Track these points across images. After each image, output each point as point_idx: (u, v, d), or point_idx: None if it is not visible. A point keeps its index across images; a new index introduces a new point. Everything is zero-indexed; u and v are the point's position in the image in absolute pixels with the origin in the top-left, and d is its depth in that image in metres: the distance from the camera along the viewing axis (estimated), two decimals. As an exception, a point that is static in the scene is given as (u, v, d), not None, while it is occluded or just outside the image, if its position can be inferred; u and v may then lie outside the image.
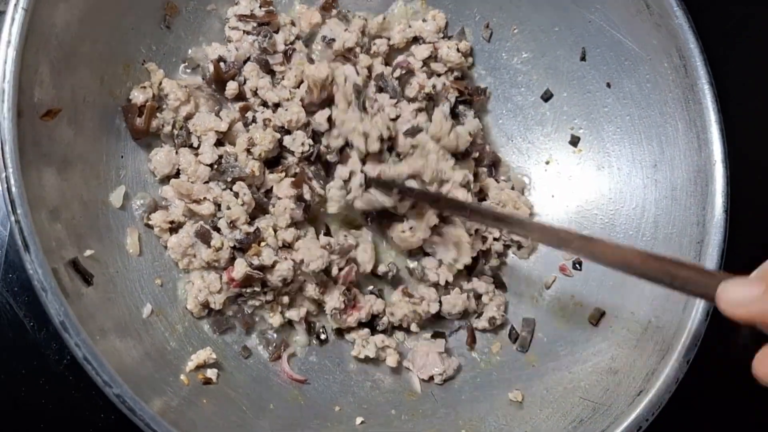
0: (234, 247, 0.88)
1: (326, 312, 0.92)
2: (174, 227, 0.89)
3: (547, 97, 1.04)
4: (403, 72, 0.99)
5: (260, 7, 0.97)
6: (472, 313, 0.99)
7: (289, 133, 0.93)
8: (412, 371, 0.94)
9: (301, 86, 0.94)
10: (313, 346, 0.94)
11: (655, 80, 0.93)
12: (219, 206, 0.89)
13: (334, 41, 0.98)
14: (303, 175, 0.92)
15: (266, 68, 0.96)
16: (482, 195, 1.02)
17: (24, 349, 0.90)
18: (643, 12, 0.91)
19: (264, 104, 0.95)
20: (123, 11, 0.86)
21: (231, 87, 0.94)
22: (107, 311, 0.78)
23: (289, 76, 0.95)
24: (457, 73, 1.03)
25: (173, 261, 0.88)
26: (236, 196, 0.89)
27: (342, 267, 0.91)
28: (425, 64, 1.01)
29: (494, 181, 1.03)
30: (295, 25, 0.99)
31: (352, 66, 0.96)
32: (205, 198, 0.89)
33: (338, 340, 0.95)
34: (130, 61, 0.89)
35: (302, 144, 0.92)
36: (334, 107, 0.92)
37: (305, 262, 0.88)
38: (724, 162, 0.87)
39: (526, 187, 1.05)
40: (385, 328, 0.94)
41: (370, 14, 1.02)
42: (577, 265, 0.98)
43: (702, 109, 0.89)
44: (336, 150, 0.92)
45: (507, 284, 1.01)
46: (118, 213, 0.86)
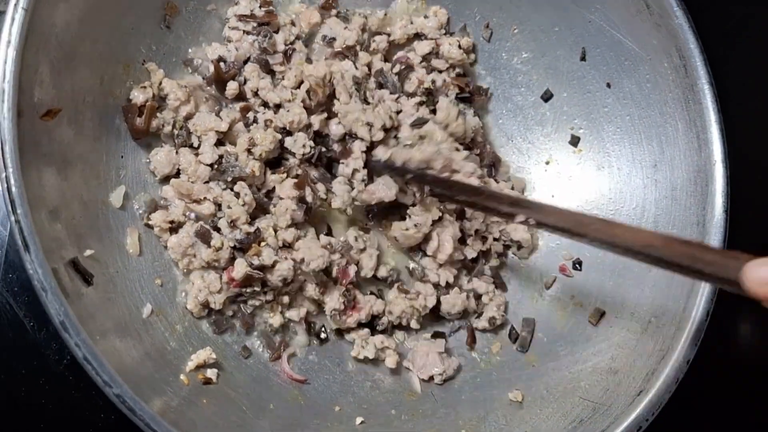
0: (234, 247, 0.88)
1: (326, 312, 0.92)
2: (174, 227, 0.89)
3: (547, 97, 1.04)
4: (403, 67, 0.99)
5: (260, 7, 0.97)
6: (472, 313, 0.99)
7: (290, 134, 0.93)
8: (412, 371, 0.94)
9: (302, 87, 0.94)
10: (313, 346, 0.94)
11: (655, 80, 0.93)
12: (219, 206, 0.90)
13: (334, 40, 0.98)
14: (305, 177, 0.92)
15: (266, 68, 0.96)
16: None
17: (24, 349, 0.90)
18: (643, 12, 0.91)
19: (265, 105, 0.95)
20: (123, 11, 0.86)
21: (231, 87, 0.94)
22: (107, 311, 0.78)
23: (289, 76, 0.95)
24: (458, 70, 1.03)
25: (173, 261, 0.88)
26: (237, 196, 0.89)
27: (342, 266, 0.91)
28: (426, 60, 1.01)
29: (494, 181, 1.03)
30: (295, 25, 0.99)
31: (350, 62, 0.96)
32: (205, 198, 0.89)
33: (338, 340, 0.95)
34: (130, 61, 0.89)
35: (303, 146, 0.92)
36: (336, 101, 0.92)
37: (305, 261, 0.88)
38: (724, 162, 0.87)
39: (526, 187, 1.05)
40: (384, 328, 0.94)
41: (371, 10, 1.03)
42: (577, 265, 0.98)
43: (702, 109, 0.89)
44: (338, 138, 0.92)
45: (507, 284, 1.01)
46: (118, 213, 0.86)
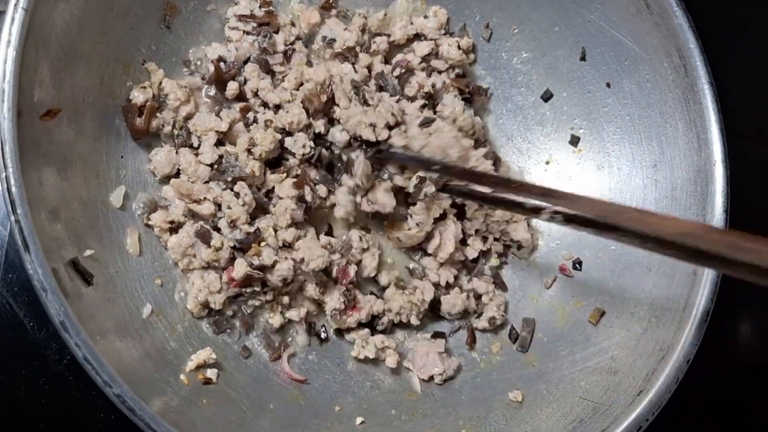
0: (234, 247, 0.88)
1: (326, 312, 0.92)
2: (174, 227, 0.89)
3: (547, 97, 1.04)
4: (403, 71, 0.99)
5: (260, 7, 0.97)
6: (472, 313, 0.99)
7: (290, 134, 0.93)
8: (412, 371, 0.94)
9: (302, 88, 0.94)
10: (313, 346, 0.94)
11: (655, 80, 0.93)
12: (219, 206, 0.90)
13: (334, 41, 0.98)
14: (305, 177, 0.92)
15: (266, 68, 0.96)
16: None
17: (24, 349, 0.90)
18: (643, 12, 0.91)
19: (265, 105, 0.95)
20: (123, 11, 0.86)
21: (231, 87, 0.94)
22: (107, 311, 0.78)
23: (289, 77, 0.95)
24: (458, 71, 1.03)
25: (173, 261, 0.88)
26: (237, 196, 0.89)
27: (342, 266, 0.91)
28: (425, 61, 1.01)
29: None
30: (294, 26, 0.99)
31: (349, 65, 0.96)
32: (205, 198, 0.89)
33: (338, 340, 0.95)
34: (130, 61, 0.89)
35: (303, 146, 0.92)
36: (336, 108, 0.92)
37: (305, 261, 0.88)
38: (724, 162, 0.87)
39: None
40: (384, 328, 0.94)
41: (371, 10, 1.03)
42: (577, 265, 0.98)
43: (702, 109, 0.89)
44: (343, 145, 0.92)
45: (507, 284, 1.01)
46: (118, 213, 0.86)
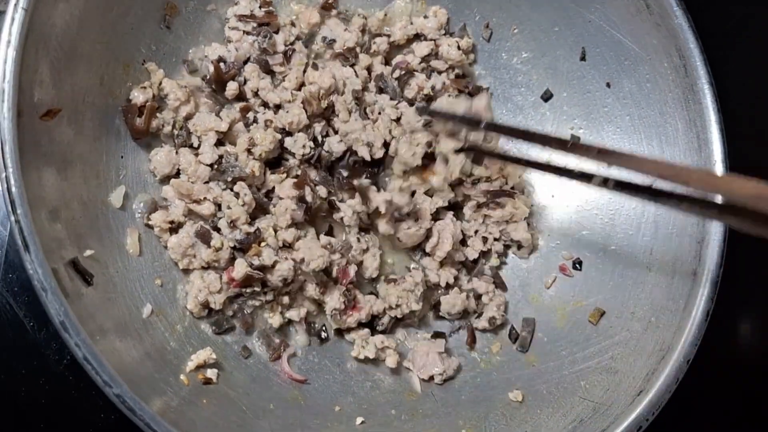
0: (234, 247, 0.88)
1: (326, 312, 0.92)
2: (174, 227, 0.89)
3: (547, 97, 1.04)
4: (403, 73, 0.99)
5: (260, 7, 0.97)
6: (472, 313, 0.99)
7: (290, 134, 0.93)
8: (412, 371, 0.94)
9: (303, 89, 0.94)
10: (313, 346, 0.94)
11: (655, 80, 0.93)
12: (219, 206, 0.90)
13: (334, 42, 0.98)
14: (305, 177, 0.92)
15: (266, 69, 0.96)
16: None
17: (24, 349, 0.90)
18: (643, 12, 0.91)
19: (265, 105, 0.95)
20: (123, 11, 0.86)
21: (231, 87, 0.94)
22: (107, 311, 0.78)
23: (290, 77, 0.95)
24: (457, 71, 1.03)
25: (173, 261, 0.88)
26: (237, 196, 0.89)
27: (342, 266, 0.91)
28: (425, 61, 1.01)
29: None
30: (294, 26, 0.99)
31: (351, 69, 0.96)
32: (205, 198, 0.89)
33: (338, 340, 0.95)
34: (130, 61, 0.89)
35: (303, 146, 0.92)
36: (335, 118, 0.93)
37: (305, 261, 0.88)
38: (724, 162, 0.87)
39: (526, 186, 1.05)
40: (384, 328, 0.94)
41: (371, 10, 1.03)
42: (577, 265, 0.98)
43: (702, 109, 0.89)
44: (339, 156, 0.93)
45: (507, 284, 1.01)
46: (118, 213, 0.86)
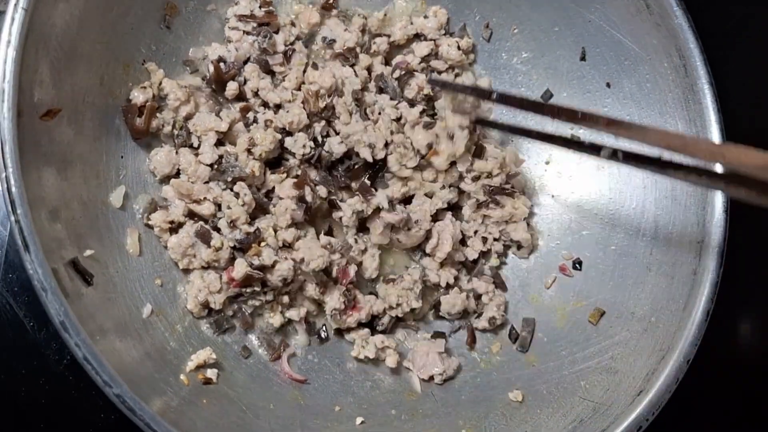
0: (234, 247, 0.88)
1: (326, 312, 0.92)
2: (174, 227, 0.89)
3: (547, 97, 1.03)
4: (403, 73, 0.99)
5: (260, 7, 0.97)
6: (472, 313, 0.99)
7: (290, 134, 0.93)
8: (412, 371, 0.94)
9: (302, 88, 0.94)
10: (313, 346, 0.94)
11: (655, 80, 0.93)
12: (219, 206, 0.90)
13: (334, 42, 0.98)
14: (305, 177, 0.92)
15: (266, 69, 0.96)
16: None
17: (24, 349, 0.90)
18: (643, 12, 0.91)
19: (265, 105, 0.95)
20: (123, 11, 0.86)
21: (231, 87, 0.94)
22: (107, 311, 0.78)
23: (290, 77, 0.95)
24: (457, 71, 1.03)
25: (173, 261, 0.88)
26: (237, 196, 0.89)
27: (342, 266, 0.91)
28: (425, 61, 1.01)
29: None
30: (294, 26, 0.99)
31: (351, 69, 0.96)
32: (205, 198, 0.89)
33: (338, 340, 0.95)
34: (130, 61, 0.89)
35: (303, 146, 0.92)
36: (336, 120, 0.93)
37: (305, 261, 0.88)
38: (724, 162, 0.87)
39: (526, 186, 1.05)
40: (384, 328, 0.94)
41: (371, 10, 1.03)
42: (577, 265, 0.98)
43: (702, 109, 0.89)
44: (339, 156, 0.93)
45: (507, 284, 1.01)
46: (118, 213, 0.86)
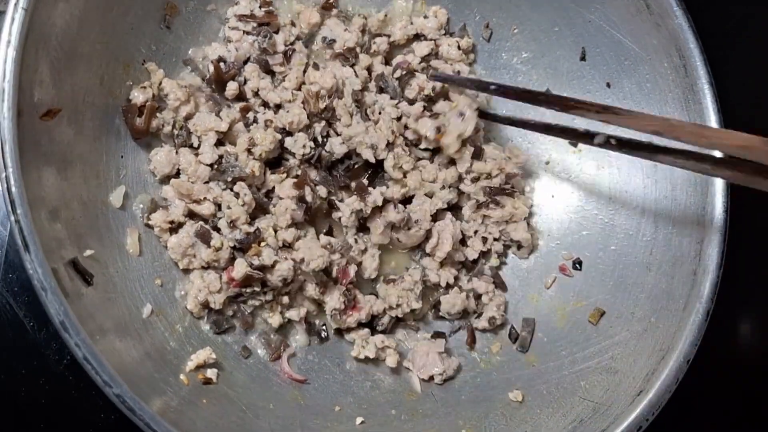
0: (234, 247, 0.88)
1: (326, 312, 0.92)
2: (174, 227, 0.89)
3: (547, 97, 1.04)
4: (404, 73, 0.99)
5: (260, 7, 0.97)
6: (472, 313, 0.99)
7: (290, 134, 0.93)
8: (412, 371, 0.94)
9: (303, 89, 0.94)
10: (313, 346, 0.94)
11: (655, 80, 0.93)
12: (219, 206, 0.90)
13: (334, 42, 0.98)
14: (305, 177, 0.92)
15: (266, 68, 0.96)
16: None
17: (24, 349, 0.90)
18: (643, 12, 0.91)
19: (265, 105, 0.95)
20: (123, 11, 0.86)
21: (231, 87, 0.94)
22: (107, 311, 0.78)
23: (290, 77, 0.95)
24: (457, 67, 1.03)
25: (173, 261, 0.88)
26: (237, 196, 0.89)
27: (342, 266, 0.91)
28: (425, 61, 1.01)
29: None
30: (295, 26, 0.99)
31: (351, 69, 0.96)
32: (205, 198, 0.89)
33: (338, 340, 0.95)
34: (130, 61, 0.89)
35: (303, 146, 0.92)
36: (337, 123, 0.93)
37: (305, 261, 0.88)
38: (724, 162, 0.87)
39: (526, 186, 1.05)
40: (384, 328, 0.94)
41: (371, 10, 1.03)
42: (577, 265, 0.98)
43: (702, 109, 0.89)
44: (340, 157, 0.93)
45: (507, 284, 1.01)
46: (118, 213, 0.86)
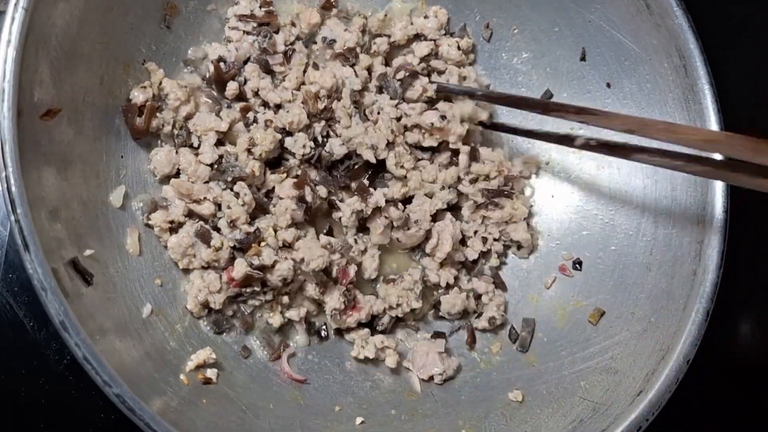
0: (234, 247, 0.88)
1: (326, 312, 0.92)
2: (174, 227, 0.89)
3: (547, 97, 1.03)
4: (407, 74, 0.98)
5: (260, 7, 0.97)
6: (472, 313, 0.99)
7: (290, 134, 0.93)
8: (412, 371, 0.94)
9: (302, 89, 0.94)
10: (313, 346, 0.94)
11: (655, 80, 0.93)
12: (219, 206, 0.90)
13: (334, 42, 0.98)
14: (305, 177, 0.92)
15: (266, 68, 0.96)
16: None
17: (24, 349, 0.90)
18: (643, 12, 0.91)
19: (265, 105, 0.95)
20: (123, 11, 0.86)
21: (231, 87, 0.94)
22: (107, 311, 0.78)
23: (290, 77, 0.95)
24: (461, 70, 1.03)
25: (173, 261, 0.88)
26: (237, 196, 0.89)
27: (342, 266, 0.91)
28: (425, 62, 1.01)
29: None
30: (295, 26, 0.99)
31: (350, 69, 0.96)
32: (205, 198, 0.89)
33: (338, 340, 0.95)
34: (130, 61, 0.89)
35: (303, 146, 0.92)
36: (337, 125, 0.93)
37: (305, 261, 0.88)
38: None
39: (526, 186, 1.05)
40: (384, 328, 0.94)
41: (370, 11, 1.03)
42: (577, 265, 0.98)
43: (702, 109, 0.89)
44: (340, 158, 0.93)
45: (507, 284, 1.01)
46: (118, 213, 0.86)
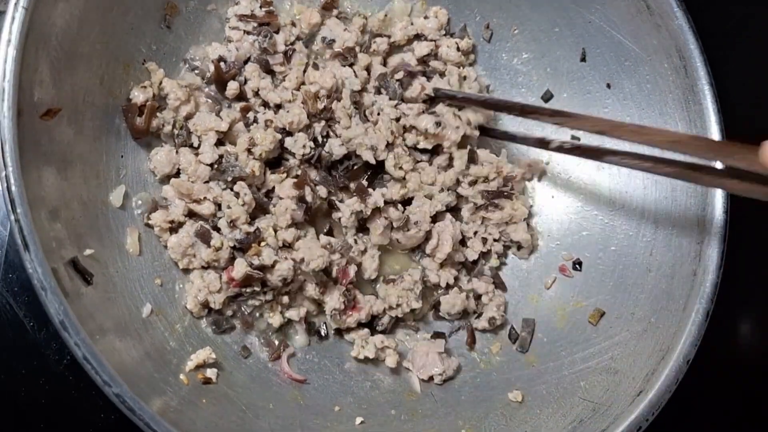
0: (234, 247, 0.88)
1: (326, 312, 0.92)
2: (174, 227, 0.89)
3: (547, 97, 1.03)
4: (406, 75, 0.98)
5: (260, 7, 0.97)
6: (472, 313, 0.99)
7: (290, 134, 0.93)
8: (412, 371, 0.94)
9: (302, 89, 0.94)
10: (312, 346, 0.94)
11: (655, 81, 0.93)
12: (219, 206, 0.90)
13: (334, 42, 0.98)
14: (305, 177, 0.92)
15: (266, 68, 0.96)
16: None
17: (24, 349, 0.90)
18: (643, 12, 0.91)
19: (265, 105, 0.95)
20: (123, 11, 0.86)
21: (231, 87, 0.94)
22: (107, 311, 0.78)
23: (290, 77, 0.95)
24: (461, 70, 1.03)
25: (173, 261, 0.88)
26: (237, 196, 0.89)
27: (342, 266, 0.91)
28: (424, 62, 1.01)
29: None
30: (295, 26, 0.99)
31: (350, 69, 0.96)
32: (205, 198, 0.89)
33: (338, 340, 0.95)
34: (130, 61, 0.89)
35: (303, 146, 0.92)
36: (337, 125, 0.93)
37: (305, 261, 0.88)
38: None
39: (526, 187, 1.05)
40: (384, 328, 0.94)
41: (371, 10, 1.03)
42: (577, 266, 0.98)
43: (702, 109, 0.89)
44: (340, 158, 0.93)
45: (507, 284, 1.01)
46: (118, 213, 0.86)
